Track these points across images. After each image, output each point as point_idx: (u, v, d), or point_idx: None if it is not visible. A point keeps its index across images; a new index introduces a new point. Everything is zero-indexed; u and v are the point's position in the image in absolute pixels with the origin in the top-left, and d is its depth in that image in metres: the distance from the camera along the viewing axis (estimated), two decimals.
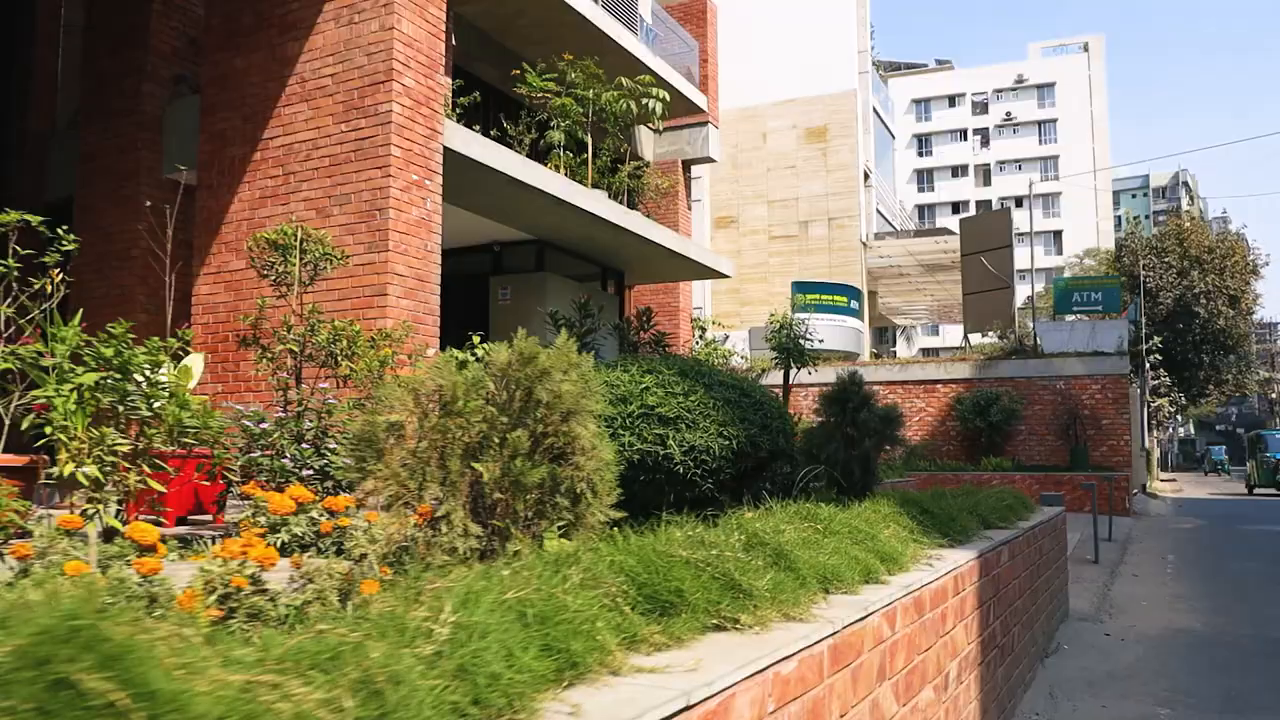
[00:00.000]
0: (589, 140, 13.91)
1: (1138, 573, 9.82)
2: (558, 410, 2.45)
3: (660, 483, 4.29)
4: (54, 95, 12.54)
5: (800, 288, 25.38)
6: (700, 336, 22.53)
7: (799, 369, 14.30)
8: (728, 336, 25.52)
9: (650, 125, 16.00)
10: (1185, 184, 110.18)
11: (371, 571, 2.35)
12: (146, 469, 3.73)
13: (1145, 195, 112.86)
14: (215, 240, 9.70)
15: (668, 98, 14.63)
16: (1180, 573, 10.17)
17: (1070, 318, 22.46)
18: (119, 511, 3.85)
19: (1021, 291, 36.87)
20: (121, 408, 3.70)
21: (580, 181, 13.74)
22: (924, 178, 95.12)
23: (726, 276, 15.99)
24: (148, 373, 3.86)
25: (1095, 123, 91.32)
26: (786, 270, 27.63)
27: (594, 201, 12.37)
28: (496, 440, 2.37)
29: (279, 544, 3.15)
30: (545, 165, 12.76)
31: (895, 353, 40.18)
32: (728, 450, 4.31)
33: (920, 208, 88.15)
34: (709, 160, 22.52)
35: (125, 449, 3.58)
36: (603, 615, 1.64)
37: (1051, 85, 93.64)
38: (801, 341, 13.40)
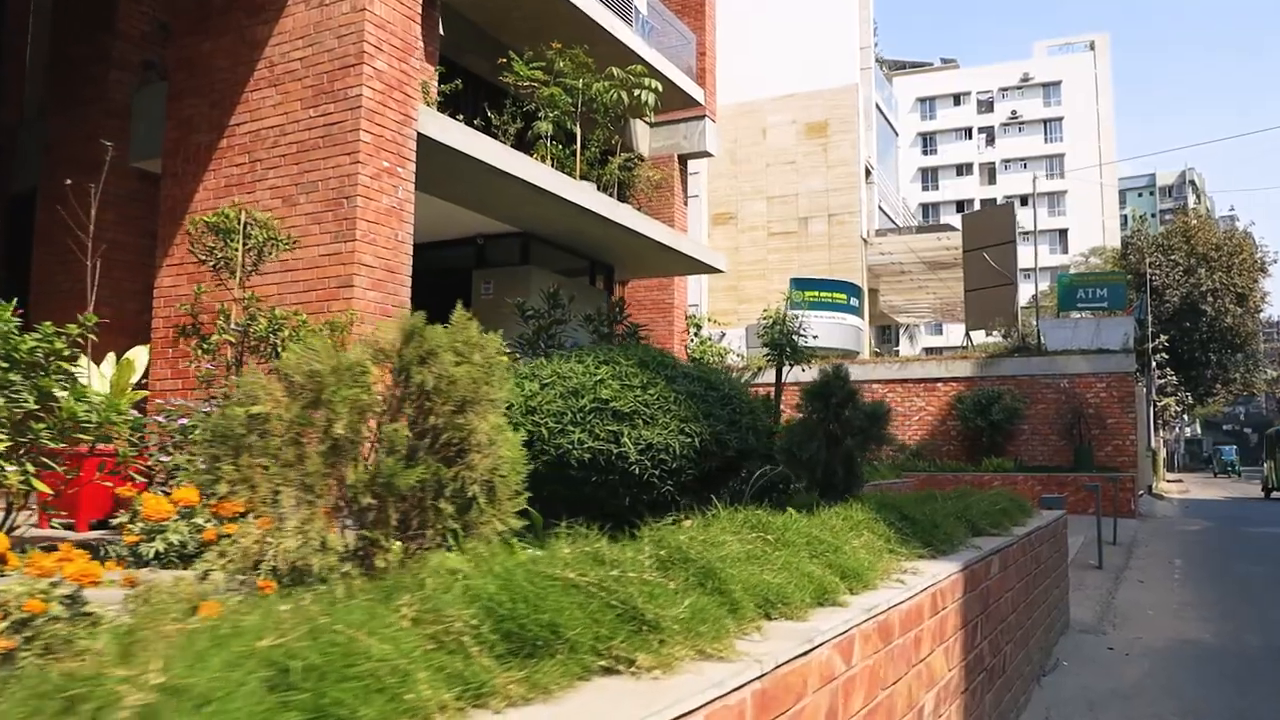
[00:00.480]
0: (578, 131, 13.52)
1: (1143, 578, 9.39)
2: (449, 399, 2.06)
3: (614, 484, 3.88)
4: (22, 84, 12.17)
5: (799, 284, 24.96)
6: (695, 334, 22.12)
7: (792, 366, 13.87)
8: (724, 334, 25.13)
9: (644, 118, 15.59)
10: (1192, 182, 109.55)
11: (216, 590, 1.95)
12: (31, 467, 3.33)
13: (1152, 194, 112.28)
14: (179, 231, 9.31)
15: (660, 88, 14.24)
16: (1188, 578, 9.75)
17: (1075, 315, 22.00)
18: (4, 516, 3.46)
19: (1027, 291, 36.41)
20: (1, 399, 3.30)
21: (568, 173, 13.35)
22: (928, 176, 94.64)
23: (720, 271, 15.58)
24: (43, 362, 3.46)
25: (1101, 121, 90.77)
26: (786, 267, 27.21)
27: (581, 193, 11.98)
28: (371, 435, 1.99)
29: (153, 553, 2.75)
30: (531, 156, 12.39)
31: (899, 352, 39.75)
32: (689, 449, 3.90)
33: (924, 206, 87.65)
34: (706, 155, 22.11)
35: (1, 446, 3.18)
36: (432, 661, 1.23)
37: (1057, 84, 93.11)
38: (795, 337, 12.97)
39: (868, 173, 32.60)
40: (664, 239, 13.60)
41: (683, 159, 22.15)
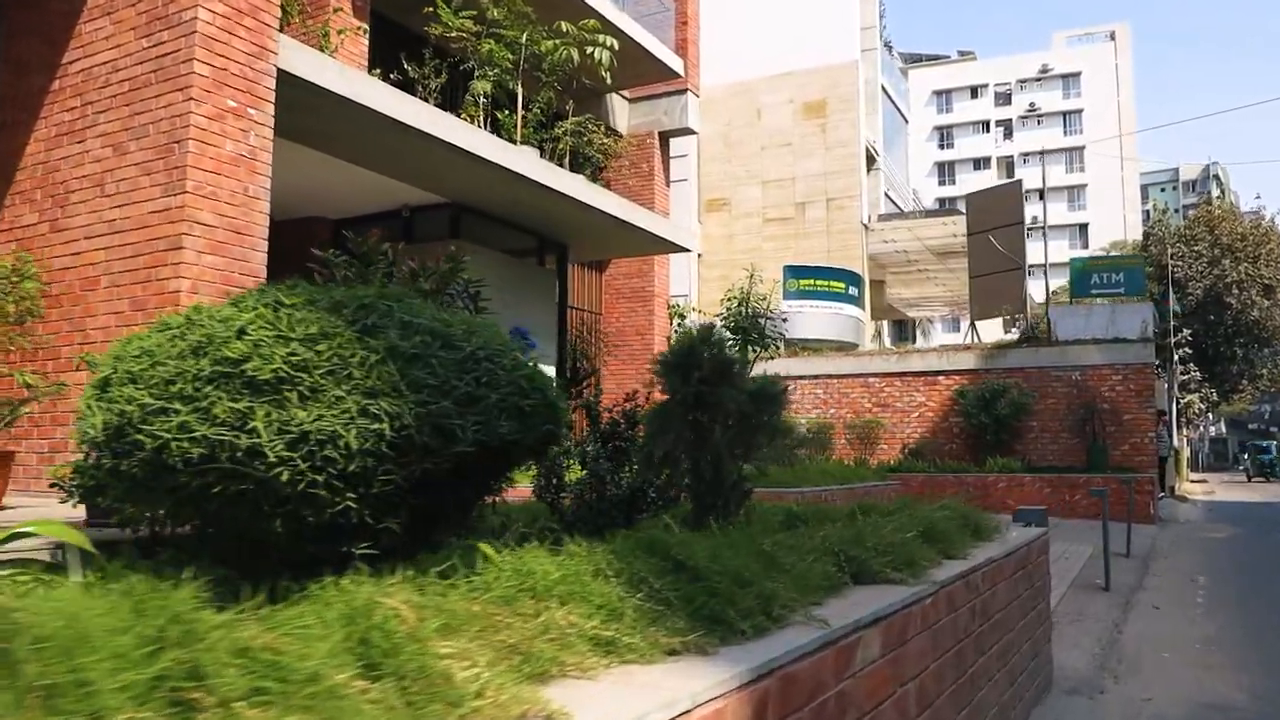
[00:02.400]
0: (519, 91, 12.03)
1: (1159, 603, 7.77)
2: None
3: (254, 500, 2.35)
4: None
5: (794, 272, 23.37)
6: (680, 325, 20.57)
7: (757, 355, 12.34)
8: (714, 325, 23.54)
9: (602, 81, 14.01)
10: (1216, 176, 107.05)
11: None
12: None
13: (1175, 189, 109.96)
14: (9, 190, 7.88)
15: (615, 45, 12.70)
16: (1214, 601, 8.11)
17: (1091, 302, 20.25)
18: None
19: (1041, 287, 34.56)
20: None
21: (507, 137, 11.86)
22: (945, 170, 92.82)
23: (687, 250, 14.05)
24: None
25: (1122, 113, 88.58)
26: (782, 256, 25.60)
27: (515, 157, 10.48)
28: None
29: None
30: (460, 115, 10.89)
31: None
32: (377, 439, 2.36)
33: (941, 201, 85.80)
34: (689, 132, 20.58)
35: None
36: None
37: (1077, 75, 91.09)
38: (763, 321, 11.41)
39: (872, 159, 30.94)
40: (617, 212, 12.06)
41: (664, 137, 20.61)
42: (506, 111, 12.11)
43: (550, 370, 12.88)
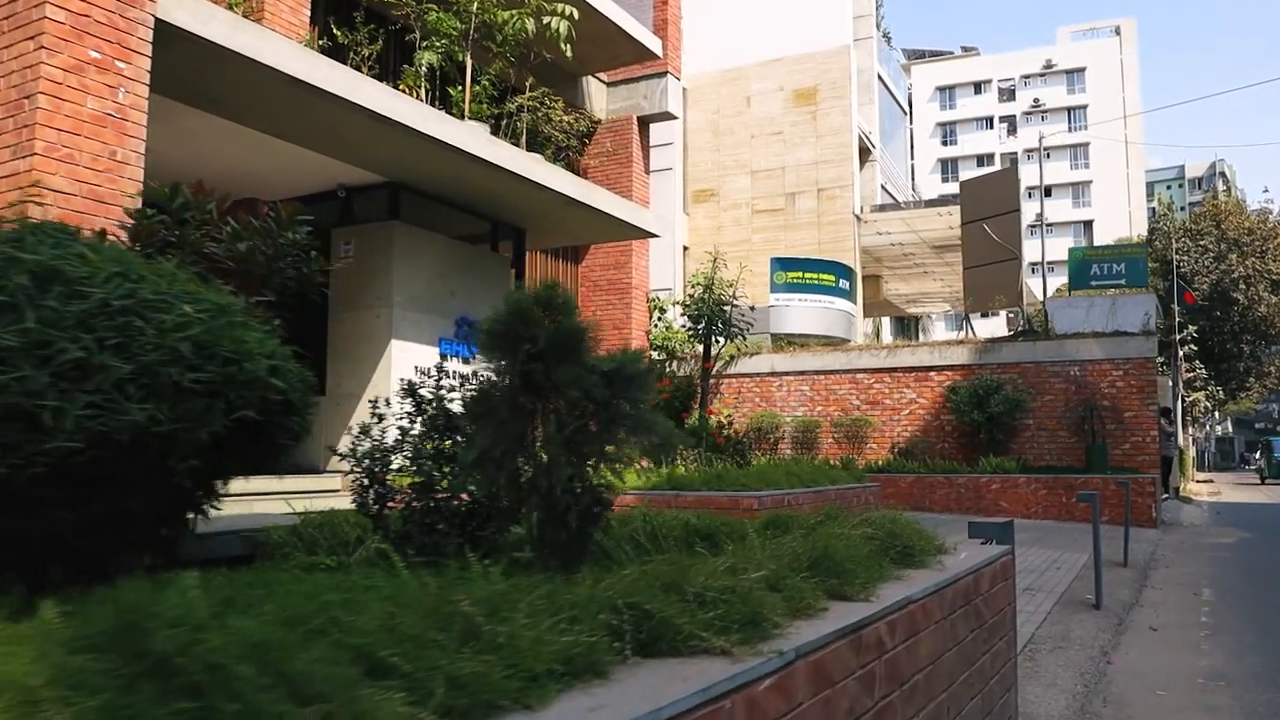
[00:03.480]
0: (467, 62, 11.15)
1: (1158, 623, 6.84)
2: None
3: None
4: None
5: (781, 264, 22.43)
6: (660, 318, 19.68)
7: (722, 347, 11.45)
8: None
9: (565, 58, 13.09)
10: (1222, 174, 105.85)
11: None
12: None
13: (1181, 186, 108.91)
14: None
15: (575, 14, 11.81)
16: (1220, 621, 7.17)
17: (1089, 295, 19.28)
18: None
19: (1051, 284, 33.51)
20: None
21: (458, 113, 10.99)
22: (949, 167, 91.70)
23: (653, 235, 13.14)
24: None
25: (1128, 109, 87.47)
26: (771, 248, 24.65)
27: (453, 130, 9.58)
28: None
29: None
30: (399, 88, 10.01)
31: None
32: None
33: (944, 198, 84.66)
34: (669, 116, 19.66)
35: None
36: None
37: (1082, 70, 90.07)
38: (728, 308, 10.51)
39: (867, 151, 29.98)
40: (571, 191, 11.15)
41: (644, 122, 19.72)
42: (461, 87, 11.24)
43: None
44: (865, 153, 30.13)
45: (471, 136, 9.81)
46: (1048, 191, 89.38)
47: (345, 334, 10.56)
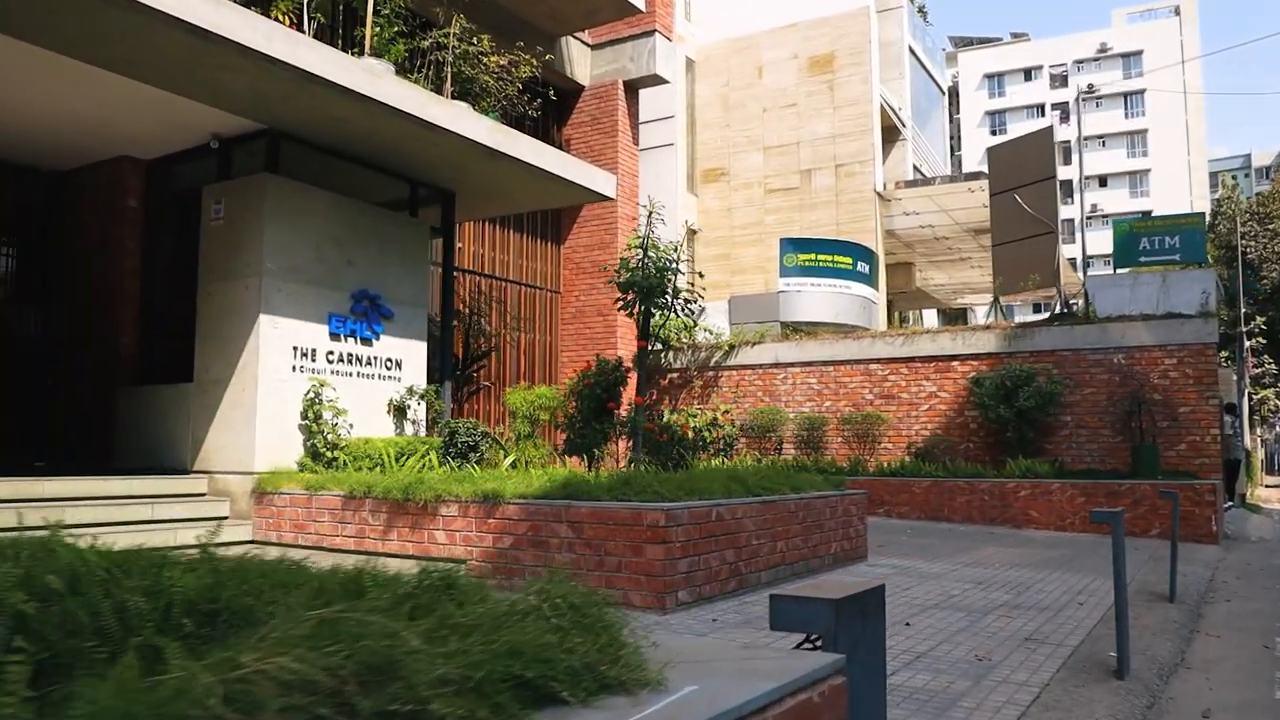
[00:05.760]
0: None
1: (1212, 704, 4.69)
2: None
3: None
4: None
5: (792, 245, 20.30)
6: (681, 316, 17.69)
7: (666, 321, 9.50)
8: (703, 308, 20.58)
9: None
10: None
11: None
12: None
13: (1247, 175, 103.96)
14: None
15: None
16: None
17: (1136, 272, 16.84)
18: None
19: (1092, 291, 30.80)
20: None
21: (354, 51, 9.18)
22: None
23: (605, 197, 11.18)
24: None
25: (1188, 93, 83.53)
26: (785, 230, 22.53)
27: (319, 59, 7.74)
28: None
29: None
30: (270, 15, 8.20)
31: None
32: None
33: (976, 173, 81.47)
34: (658, 80, 17.67)
35: None
36: None
37: (1139, 53, 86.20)
38: (670, 275, 8.53)
39: (895, 130, 27.70)
40: (482, 138, 9.23)
41: (631, 88, 17.79)
42: (379, 29, 9.41)
43: (420, 346, 10.10)
44: (893, 131, 27.83)
45: (335, 65, 7.95)
46: (1103, 181, 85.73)
47: (215, 309, 8.79)
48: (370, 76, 8.07)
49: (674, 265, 8.58)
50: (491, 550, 6.79)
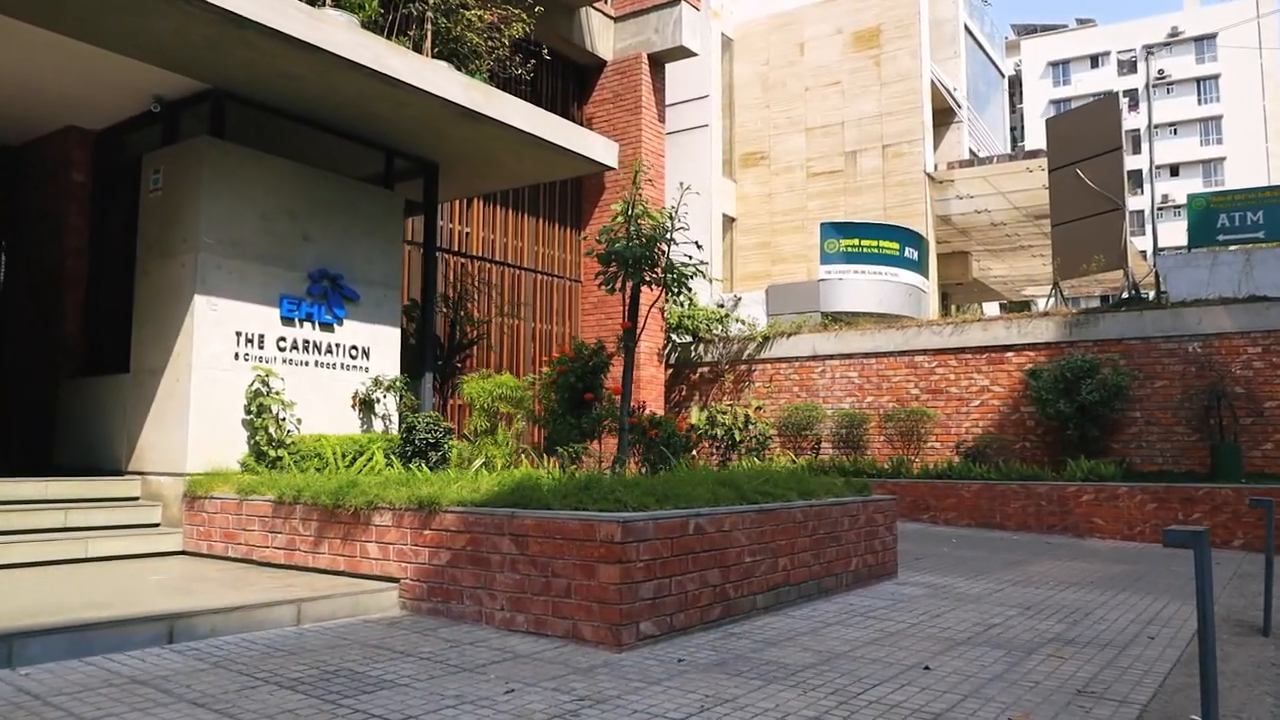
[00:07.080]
0: None
1: None
2: None
3: None
4: None
5: (834, 230, 18.93)
6: (676, 295, 16.51)
7: (665, 295, 8.34)
8: (738, 298, 19.37)
9: None
10: None
11: None
12: None
13: None
14: None
15: None
16: None
17: (1213, 251, 15.16)
18: None
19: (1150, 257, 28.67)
20: None
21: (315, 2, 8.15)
22: None
23: (606, 166, 10.00)
24: None
25: (1266, 77, 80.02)
26: (829, 215, 21.15)
27: (277, 13, 6.71)
28: None
29: None
30: None
31: None
32: None
33: (1035, 151, 78.62)
34: (685, 53, 16.44)
35: None
36: None
37: (1212, 37, 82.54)
38: (665, 246, 7.35)
39: (950, 111, 26.11)
40: (455, 96, 8.13)
41: (656, 61, 16.62)
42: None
43: (391, 332, 9.04)
44: (947, 113, 26.24)
45: (306, 19, 6.91)
46: (1174, 171, 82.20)
47: (150, 290, 7.83)
48: (311, 20, 7.01)
49: (668, 235, 7.39)
50: (428, 568, 5.67)
